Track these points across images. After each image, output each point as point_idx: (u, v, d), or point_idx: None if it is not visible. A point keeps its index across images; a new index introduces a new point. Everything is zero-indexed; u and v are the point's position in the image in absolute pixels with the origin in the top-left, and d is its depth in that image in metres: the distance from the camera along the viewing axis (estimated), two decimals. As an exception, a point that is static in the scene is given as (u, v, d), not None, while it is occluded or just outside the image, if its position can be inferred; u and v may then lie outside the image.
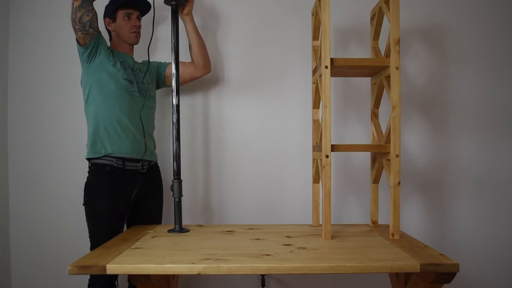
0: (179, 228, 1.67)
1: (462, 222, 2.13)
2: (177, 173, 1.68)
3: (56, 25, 2.11)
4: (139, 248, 1.39)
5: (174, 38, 1.69)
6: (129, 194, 1.73)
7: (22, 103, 2.13)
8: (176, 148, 1.68)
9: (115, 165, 1.72)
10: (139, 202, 1.80)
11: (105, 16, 1.82)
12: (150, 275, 1.23)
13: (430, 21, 2.12)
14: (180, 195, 1.68)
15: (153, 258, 1.25)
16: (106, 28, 1.84)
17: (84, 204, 1.72)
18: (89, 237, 1.72)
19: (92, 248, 1.68)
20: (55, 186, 2.13)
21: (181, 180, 1.69)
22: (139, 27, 1.84)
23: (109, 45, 1.81)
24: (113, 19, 1.80)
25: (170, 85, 1.95)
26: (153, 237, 1.56)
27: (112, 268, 1.18)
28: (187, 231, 1.68)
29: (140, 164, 1.78)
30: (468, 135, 2.12)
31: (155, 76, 1.94)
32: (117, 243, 1.47)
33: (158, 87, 1.98)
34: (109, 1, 1.82)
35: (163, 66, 1.95)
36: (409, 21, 2.10)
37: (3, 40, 2.11)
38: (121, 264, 1.20)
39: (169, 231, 1.67)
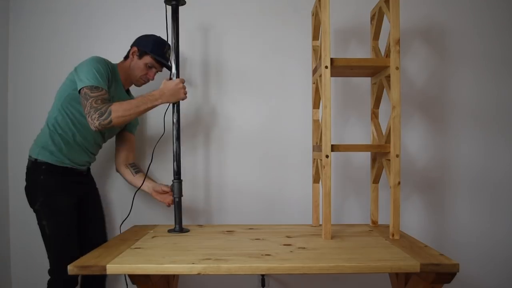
0: (179, 228, 1.67)
1: (462, 222, 2.13)
2: (177, 173, 1.68)
3: (57, 24, 2.11)
4: (139, 248, 1.39)
5: (174, 38, 1.69)
6: (79, 190, 1.76)
7: (22, 103, 2.13)
8: (176, 148, 1.68)
9: (66, 166, 1.72)
10: (83, 200, 1.80)
11: (135, 45, 1.79)
12: (150, 275, 1.23)
13: (430, 21, 2.12)
14: (180, 195, 1.68)
15: (153, 258, 1.25)
16: (128, 52, 1.82)
17: (39, 206, 1.64)
18: (47, 240, 1.65)
19: (54, 254, 1.64)
20: (55, 186, 2.13)
21: (181, 180, 1.69)
22: (150, 80, 1.86)
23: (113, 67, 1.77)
24: (140, 56, 1.78)
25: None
26: (153, 237, 1.56)
27: (112, 268, 1.18)
28: (187, 231, 1.68)
29: (85, 167, 1.83)
30: (468, 135, 2.12)
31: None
32: (117, 243, 1.47)
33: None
34: (150, 41, 1.78)
35: (135, 127, 1.96)
36: (409, 21, 2.10)
37: (3, 39, 2.10)
38: (121, 264, 1.20)
39: (169, 231, 1.67)
